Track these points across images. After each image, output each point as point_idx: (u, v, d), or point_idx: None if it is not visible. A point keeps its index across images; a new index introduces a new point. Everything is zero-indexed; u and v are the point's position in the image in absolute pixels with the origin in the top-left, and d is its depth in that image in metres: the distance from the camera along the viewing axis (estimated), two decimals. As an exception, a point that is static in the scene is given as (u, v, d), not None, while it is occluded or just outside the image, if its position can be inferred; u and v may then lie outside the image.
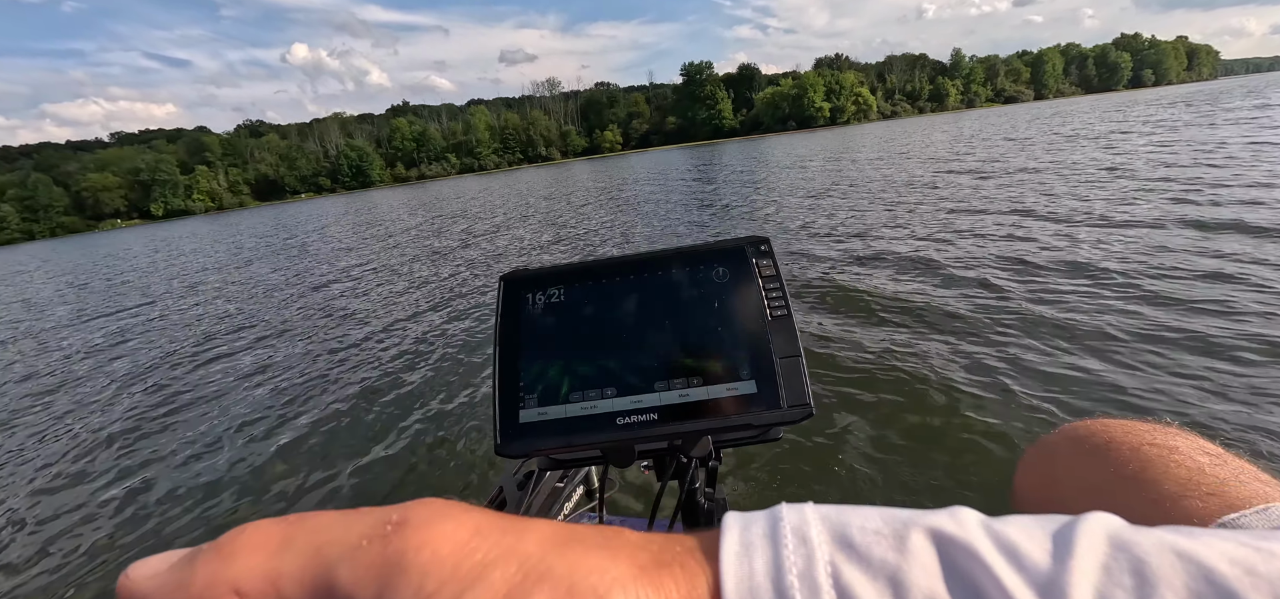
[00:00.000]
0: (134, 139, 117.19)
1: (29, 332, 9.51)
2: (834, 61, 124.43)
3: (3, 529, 3.29)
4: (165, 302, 10.43)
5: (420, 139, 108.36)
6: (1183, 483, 0.31)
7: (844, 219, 8.98)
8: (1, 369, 7.07)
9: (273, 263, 13.84)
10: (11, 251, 53.66)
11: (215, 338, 6.99)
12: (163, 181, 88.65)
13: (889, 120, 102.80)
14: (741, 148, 50.60)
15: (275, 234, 23.22)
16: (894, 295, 4.85)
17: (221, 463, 3.63)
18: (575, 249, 10.46)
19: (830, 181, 14.62)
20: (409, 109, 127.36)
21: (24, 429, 4.83)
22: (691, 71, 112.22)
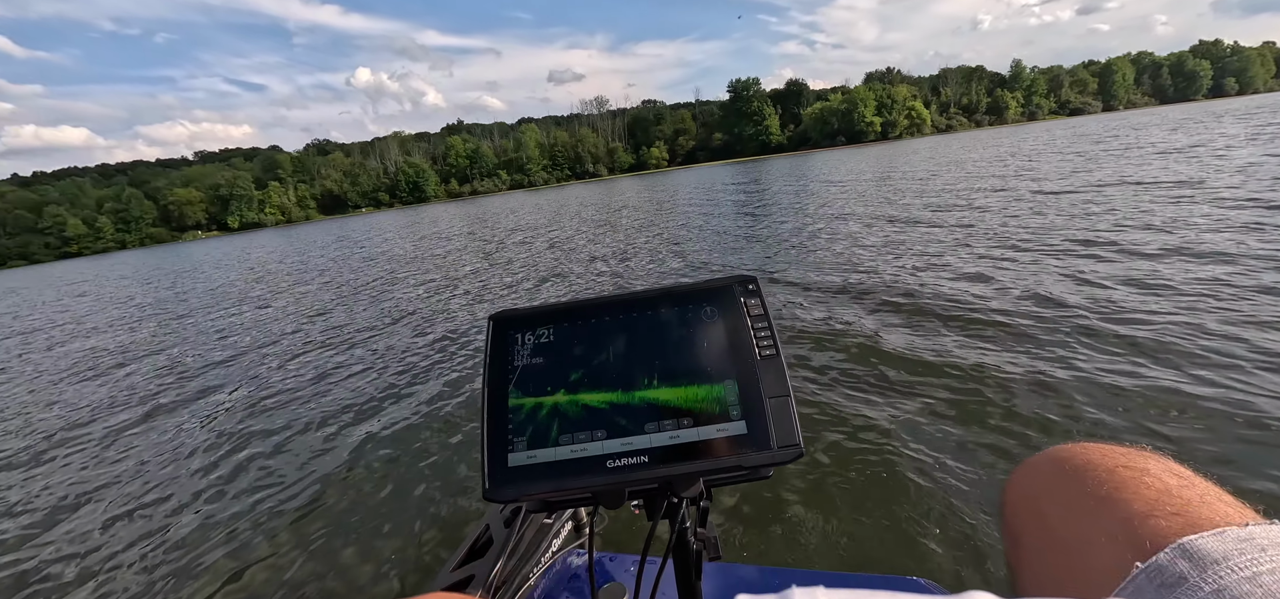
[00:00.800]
0: (214, 157, 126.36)
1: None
2: (885, 75, 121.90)
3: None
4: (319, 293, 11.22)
5: (473, 156, 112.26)
6: (1151, 503, 0.33)
7: (883, 240, 8.85)
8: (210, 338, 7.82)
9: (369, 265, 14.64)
10: (109, 258, 58.60)
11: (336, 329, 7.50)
12: (239, 196, 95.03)
13: (943, 134, 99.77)
14: (788, 163, 50.28)
15: (382, 238, 24.48)
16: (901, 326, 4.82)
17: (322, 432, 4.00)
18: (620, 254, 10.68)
19: (880, 195, 14.39)
20: (463, 127, 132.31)
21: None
22: (738, 88, 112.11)
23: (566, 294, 8.25)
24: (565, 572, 0.93)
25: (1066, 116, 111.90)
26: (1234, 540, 0.27)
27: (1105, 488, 0.36)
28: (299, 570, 2.79)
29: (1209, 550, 0.27)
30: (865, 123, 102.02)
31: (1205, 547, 0.27)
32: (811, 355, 4.46)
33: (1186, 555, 0.27)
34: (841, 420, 3.41)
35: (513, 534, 0.89)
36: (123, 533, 3.36)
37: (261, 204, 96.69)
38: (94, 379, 7.13)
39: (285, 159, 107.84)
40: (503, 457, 0.50)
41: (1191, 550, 0.27)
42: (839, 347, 4.56)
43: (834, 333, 4.94)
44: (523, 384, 0.53)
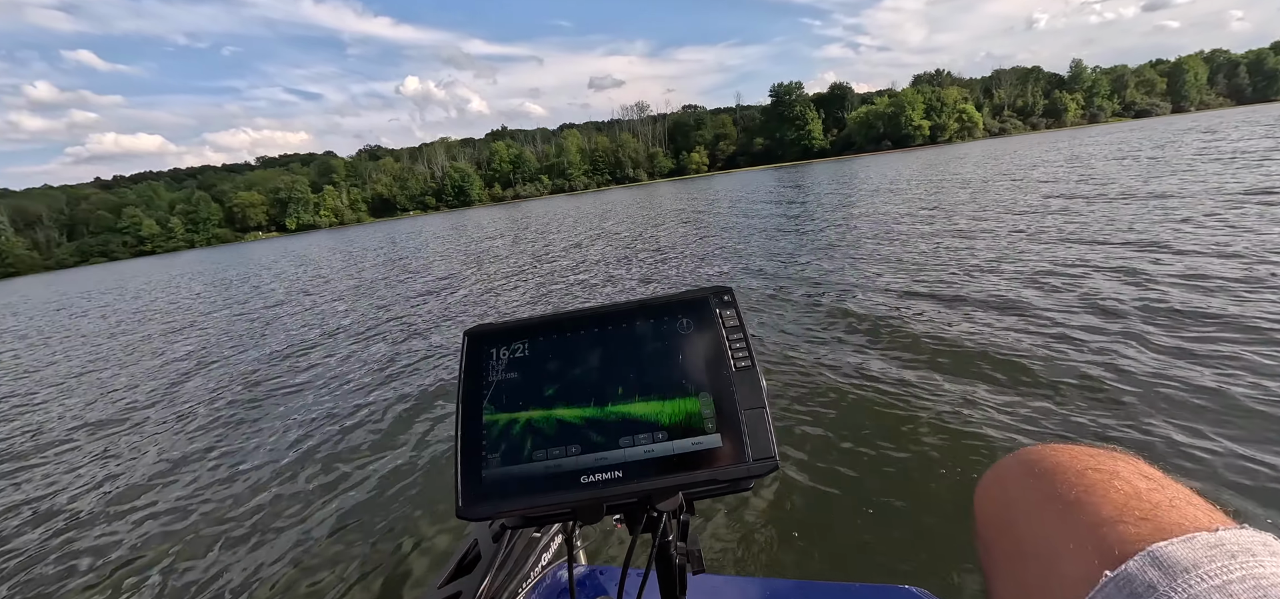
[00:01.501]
0: (274, 162, 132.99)
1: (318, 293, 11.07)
2: (934, 77, 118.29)
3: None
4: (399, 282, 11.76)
5: (516, 161, 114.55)
6: (1119, 507, 0.33)
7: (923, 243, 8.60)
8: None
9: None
10: (180, 257, 62.40)
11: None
12: (297, 200, 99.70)
13: (996, 138, 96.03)
14: (831, 168, 49.45)
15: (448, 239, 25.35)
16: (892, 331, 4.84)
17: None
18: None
19: (929, 199, 13.97)
20: (506, 133, 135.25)
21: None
22: (780, 92, 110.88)
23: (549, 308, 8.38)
24: (554, 586, 0.93)
25: (1131, 119, 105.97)
26: (1203, 547, 0.27)
27: (1074, 491, 0.35)
28: (285, 583, 2.79)
29: (1178, 558, 0.27)
30: (912, 126, 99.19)
31: (1175, 554, 0.27)
32: (814, 362, 4.51)
33: (1156, 563, 0.27)
34: (833, 427, 3.42)
35: (500, 549, 0.88)
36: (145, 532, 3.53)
37: (317, 207, 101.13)
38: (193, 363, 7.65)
39: (339, 164, 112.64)
40: (476, 473, 0.50)
41: (1161, 558, 0.27)
42: (855, 352, 4.60)
43: (841, 339, 4.97)
44: (497, 399, 0.52)
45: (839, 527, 2.54)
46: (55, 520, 3.77)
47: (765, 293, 7.36)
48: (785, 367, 4.50)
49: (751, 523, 2.61)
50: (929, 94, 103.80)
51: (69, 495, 4.13)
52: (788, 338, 5.25)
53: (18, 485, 4.46)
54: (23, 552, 3.44)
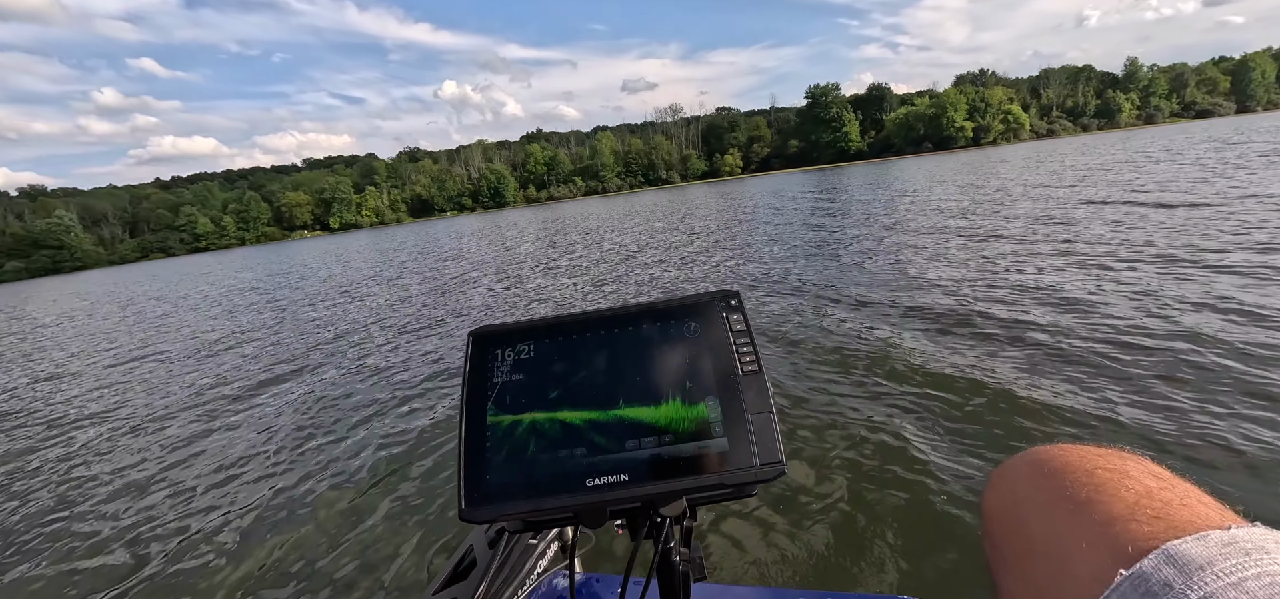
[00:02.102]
0: (319, 164, 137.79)
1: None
2: (978, 77, 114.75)
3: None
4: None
5: (551, 163, 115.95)
6: (1130, 506, 0.33)
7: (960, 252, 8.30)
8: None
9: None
10: (232, 253, 65.29)
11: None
12: (340, 200, 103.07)
13: (1044, 139, 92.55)
14: (868, 170, 48.63)
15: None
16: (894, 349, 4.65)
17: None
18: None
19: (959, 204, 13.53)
20: (542, 135, 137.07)
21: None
22: (816, 94, 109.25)
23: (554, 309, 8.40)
24: (551, 594, 0.92)
25: (1191, 120, 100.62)
26: (1217, 544, 0.27)
27: (1084, 491, 0.35)
28: (272, 583, 2.77)
29: (1193, 556, 0.27)
30: (954, 127, 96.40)
31: (1189, 552, 0.27)
32: (828, 368, 4.45)
33: (1170, 561, 0.27)
34: (833, 433, 3.39)
35: (497, 555, 0.87)
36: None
37: (359, 207, 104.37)
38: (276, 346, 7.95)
39: (381, 166, 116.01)
40: (480, 476, 0.49)
41: (1175, 556, 0.27)
42: (859, 361, 4.56)
43: (852, 347, 4.89)
44: (501, 401, 0.52)
45: (837, 535, 2.52)
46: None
47: (775, 292, 7.39)
48: (789, 370, 4.50)
49: (749, 532, 2.60)
50: (972, 94, 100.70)
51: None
52: (792, 340, 5.26)
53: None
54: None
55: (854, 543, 2.45)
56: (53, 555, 3.34)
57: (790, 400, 3.94)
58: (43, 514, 3.86)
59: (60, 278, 68.60)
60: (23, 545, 3.49)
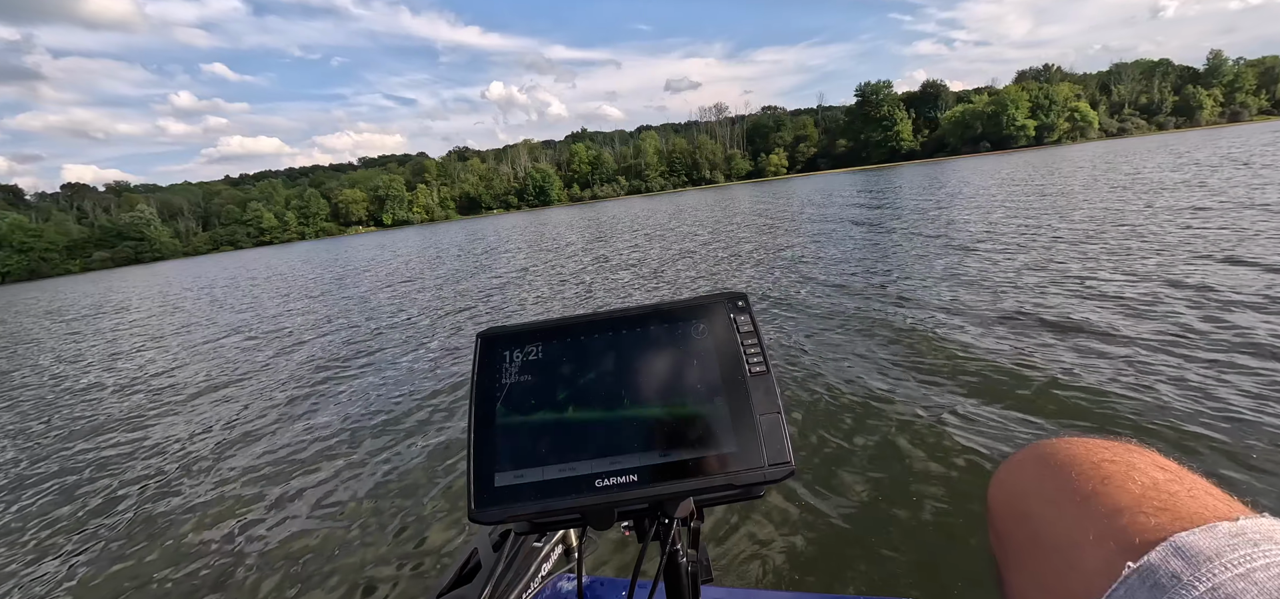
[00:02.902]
0: (374, 162, 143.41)
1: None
2: (1042, 73, 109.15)
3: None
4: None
5: (595, 162, 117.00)
6: (1137, 498, 0.32)
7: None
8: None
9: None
10: (295, 246, 68.66)
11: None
12: (393, 197, 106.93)
13: (1114, 138, 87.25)
14: (920, 171, 46.91)
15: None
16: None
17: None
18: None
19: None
20: (586, 135, 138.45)
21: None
22: (867, 91, 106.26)
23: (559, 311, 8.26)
24: (555, 597, 0.91)
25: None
26: (1226, 535, 0.27)
27: (1091, 483, 0.35)
28: (278, 589, 2.74)
29: (1201, 547, 0.27)
30: (1015, 126, 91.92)
31: (1197, 543, 0.27)
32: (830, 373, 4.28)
33: (1179, 553, 0.27)
34: (843, 435, 3.34)
35: (501, 558, 0.86)
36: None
37: (410, 204, 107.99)
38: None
39: (431, 164, 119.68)
40: (489, 477, 0.49)
41: (1183, 548, 0.27)
42: (869, 362, 4.43)
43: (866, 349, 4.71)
44: (510, 402, 0.52)
45: (843, 539, 2.51)
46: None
47: (790, 292, 7.28)
48: (795, 373, 4.46)
49: (756, 534, 2.57)
50: (1035, 91, 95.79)
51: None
52: (797, 343, 5.22)
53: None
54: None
55: (861, 546, 2.44)
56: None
57: (802, 402, 3.90)
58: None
59: (141, 267, 73.68)
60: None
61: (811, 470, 3.03)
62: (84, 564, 3.14)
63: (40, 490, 4.08)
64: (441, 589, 0.84)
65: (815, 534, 2.54)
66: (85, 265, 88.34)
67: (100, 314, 16.48)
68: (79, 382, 7.52)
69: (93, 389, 7.00)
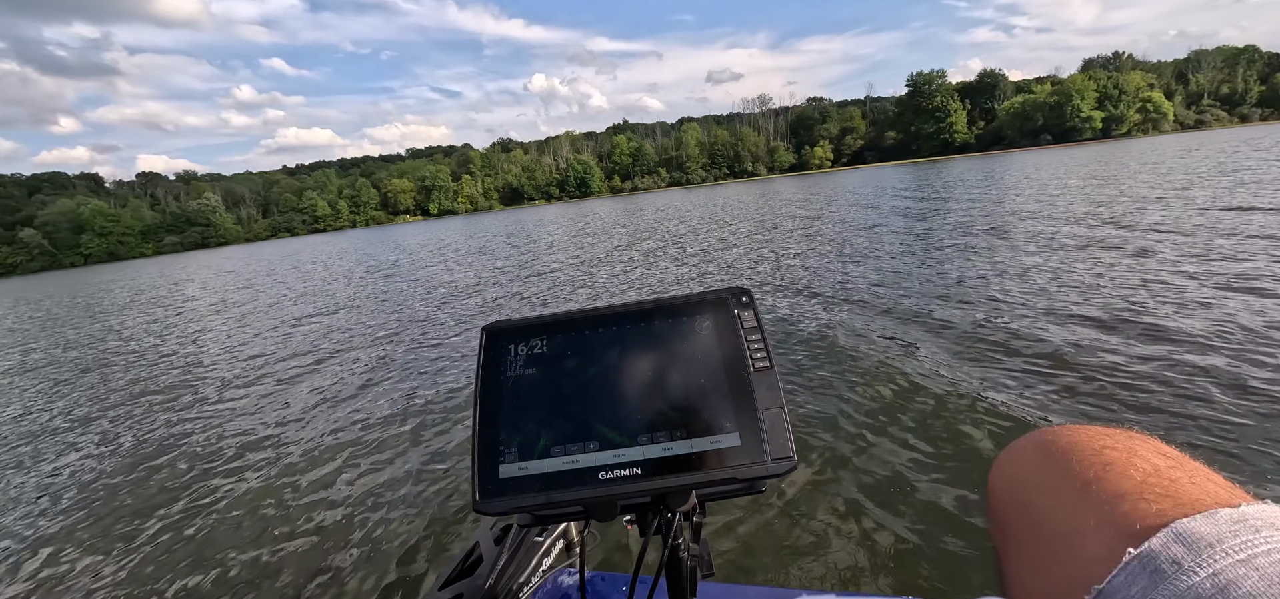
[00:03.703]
0: (421, 154, 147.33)
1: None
2: (1111, 61, 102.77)
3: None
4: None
5: (636, 154, 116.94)
6: (1139, 484, 0.32)
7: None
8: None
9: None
10: (348, 234, 71.22)
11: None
12: (439, 188, 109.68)
13: (1192, 131, 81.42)
14: (976, 165, 44.82)
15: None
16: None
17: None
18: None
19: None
20: (628, 127, 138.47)
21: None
22: (919, 82, 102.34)
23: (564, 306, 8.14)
24: (556, 591, 0.92)
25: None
26: (1227, 522, 0.27)
27: (1092, 470, 0.35)
28: (278, 577, 2.73)
29: (1202, 533, 0.26)
30: (1080, 118, 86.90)
31: (1198, 530, 0.27)
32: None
33: (1179, 540, 0.27)
34: (846, 434, 3.30)
35: (503, 551, 0.87)
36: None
37: (455, 194, 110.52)
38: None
39: (476, 155, 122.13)
40: (493, 468, 0.50)
41: (1184, 534, 0.27)
42: (878, 362, 4.34)
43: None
44: (515, 395, 0.52)
45: (845, 535, 2.50)
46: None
47: (802, 290, 7.14)
48: (799, 370, 4.44)
49: (758, 530, 2.57)
50: (1103, 80, 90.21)
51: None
52: (802, 339, 5.18)
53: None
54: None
55: (863, 544, 2.43)
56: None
57: (807, 400, 3.89)
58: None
59: (207, 252, 77.93)
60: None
61: (815, 467, 3.04)
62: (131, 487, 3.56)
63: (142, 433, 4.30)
64: (443, 581, 0.85)
65: (818, 530, 2.54)
66: (158, 249, 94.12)
67: (212, 292, 17.45)
68: (187, 351, 7.95)
69: (183, 362, 7.38)
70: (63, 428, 5.35)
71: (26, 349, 10.43)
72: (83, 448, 4.73)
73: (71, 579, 2.93)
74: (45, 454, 4.69)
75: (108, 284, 27.49)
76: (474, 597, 0.79)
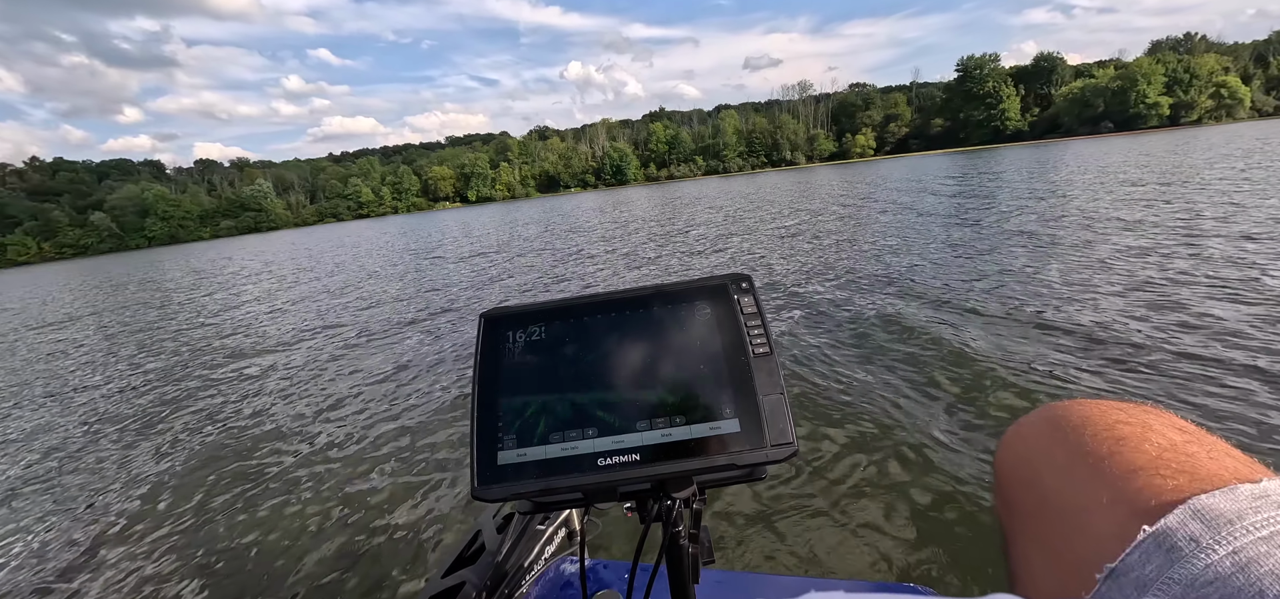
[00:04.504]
0: (460, 142, 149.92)
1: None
2: (1181, 43, 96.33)
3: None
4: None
5: (672, 142, 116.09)
6: (1153, 460, 0.31)
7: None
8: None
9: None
10: (390, 219, 72.94)
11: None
12: (478, 175, 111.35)
13: (1270, 119, 75.79)
14: (1028, 153, 42.54)
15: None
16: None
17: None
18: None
19: None
20: (664, 114, 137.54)
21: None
22: (969, 66, 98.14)
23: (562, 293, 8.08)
24: (558, 578, 0.92)
25: None
26: (1248, 498, 0.25)
27: (1105, 446, 0.33)
28: (275, 566, 2.71)
29: (1221, 510, 0.25)
30: (1145, 103, 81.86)
31: (1217, 506, 0.26)
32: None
33: (1197, 516, 0.26)
34: (850, 421, 3.26)
35: (505, 540, 0.86)
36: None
37: (493, 182, 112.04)
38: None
39: (514, 143, 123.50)
40: (492, 455, 0.50)
41: (1202, 510, 0.26)
42: (884, 349, 4.17)
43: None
44: (513, 382, 0.52)
45: (846, 522, 2.49)
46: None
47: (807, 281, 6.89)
48: (802, 360, 4.42)
49: (758, 517, 2.55)
50: (1172, 63, 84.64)
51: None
52: (804, 333, 5.12)
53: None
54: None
55: (868, 532, 2.42)
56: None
57: (809, 386, 3.87)
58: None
59: (259, 235, 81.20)
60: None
61: (817, 455, 3.01)
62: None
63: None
64: (446, 569, 0.84)
65: (818, 517, 2.53)
66: (214, 233, 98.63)
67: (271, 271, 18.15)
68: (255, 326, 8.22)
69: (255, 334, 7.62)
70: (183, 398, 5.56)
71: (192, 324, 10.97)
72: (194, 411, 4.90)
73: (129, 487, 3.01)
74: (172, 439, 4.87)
75: (214, 263, 28.76)
76: (477, 583, 0.79)
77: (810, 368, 4.27)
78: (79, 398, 6.07)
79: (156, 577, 2.79)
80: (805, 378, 4.08)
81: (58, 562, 3.02)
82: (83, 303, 16.32)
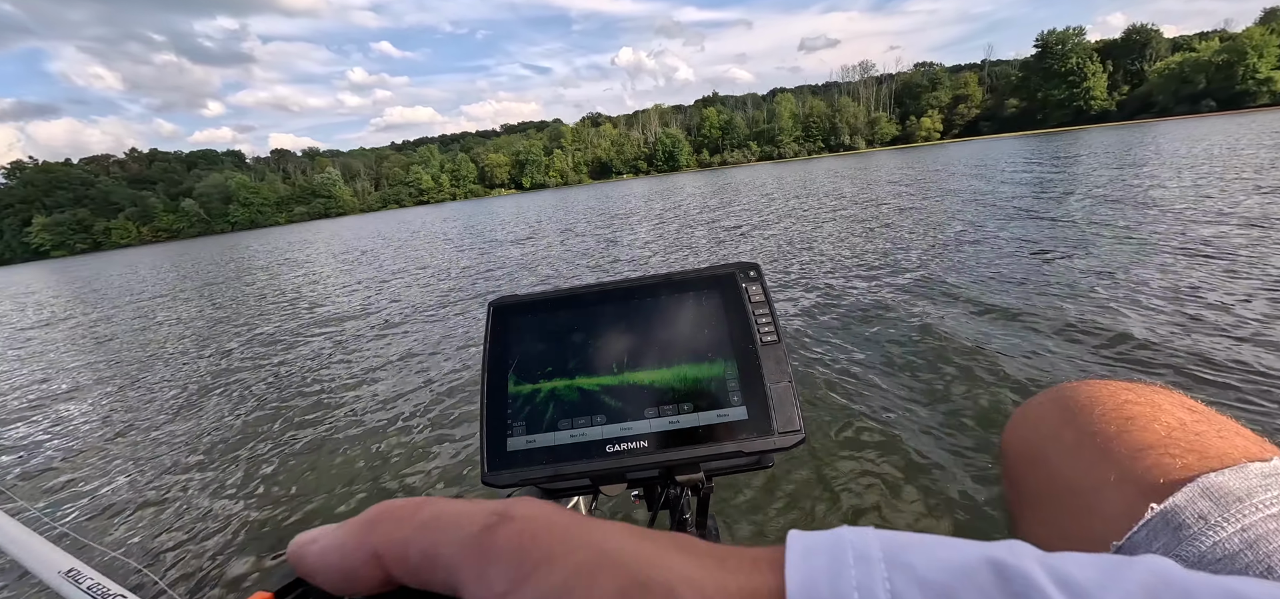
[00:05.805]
0: (514, 129, 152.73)
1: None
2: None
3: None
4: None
5: (726, 127, 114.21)
6: (1162, 439, 0.31)
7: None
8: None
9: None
10: (448, 205, 75.00)
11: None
12: (532, 162, 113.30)
13: None
14: (1116, 136, 38.04)
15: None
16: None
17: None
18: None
19: None
20: (717, 99, 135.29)
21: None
22: (1050, 41, 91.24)
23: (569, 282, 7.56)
24: None
25: None
26: (1257, 476, 0.25)
27: (1113, 425, 0.33)
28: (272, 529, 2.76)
29: (1231, 488, 0.25)
30: (1255, 79, 73.96)
31: (1226, 484, 0.25)
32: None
33: (1207, 494, 0.25)
34: (861, 412, 3.25)
35: None
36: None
37: (547, 168, 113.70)
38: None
39: (567, 130, 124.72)
40: (501, 442, 0.50)
41: (1211, 489, 0.25)
42: (897, 341, 4.28)
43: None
44: (522, 370, 0.53)
45: (855, 512, 2.51)
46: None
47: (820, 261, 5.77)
48: (805, 351, 4.36)
49: (765, 506, 2.57)
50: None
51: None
52: (806, 325, 4.99)
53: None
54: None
55: (873, 516, 2.45)
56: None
57: (819, 376, 3.82)
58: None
59: (329, 221, 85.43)
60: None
61: (824, 446, 2.99)
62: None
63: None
64: None
65: (826, 507, 2.52)
66: (289, 218, 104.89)
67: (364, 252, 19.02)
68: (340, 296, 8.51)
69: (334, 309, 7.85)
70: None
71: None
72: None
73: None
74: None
75: (322, 245, 30.51)
76: None
77: (821, 356, 4.21)
78: (216, 361, 6.43)
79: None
80: (818, 367, 4.01)
81: (165, 461, 3.66)
82: (232, 275, 17.50)
